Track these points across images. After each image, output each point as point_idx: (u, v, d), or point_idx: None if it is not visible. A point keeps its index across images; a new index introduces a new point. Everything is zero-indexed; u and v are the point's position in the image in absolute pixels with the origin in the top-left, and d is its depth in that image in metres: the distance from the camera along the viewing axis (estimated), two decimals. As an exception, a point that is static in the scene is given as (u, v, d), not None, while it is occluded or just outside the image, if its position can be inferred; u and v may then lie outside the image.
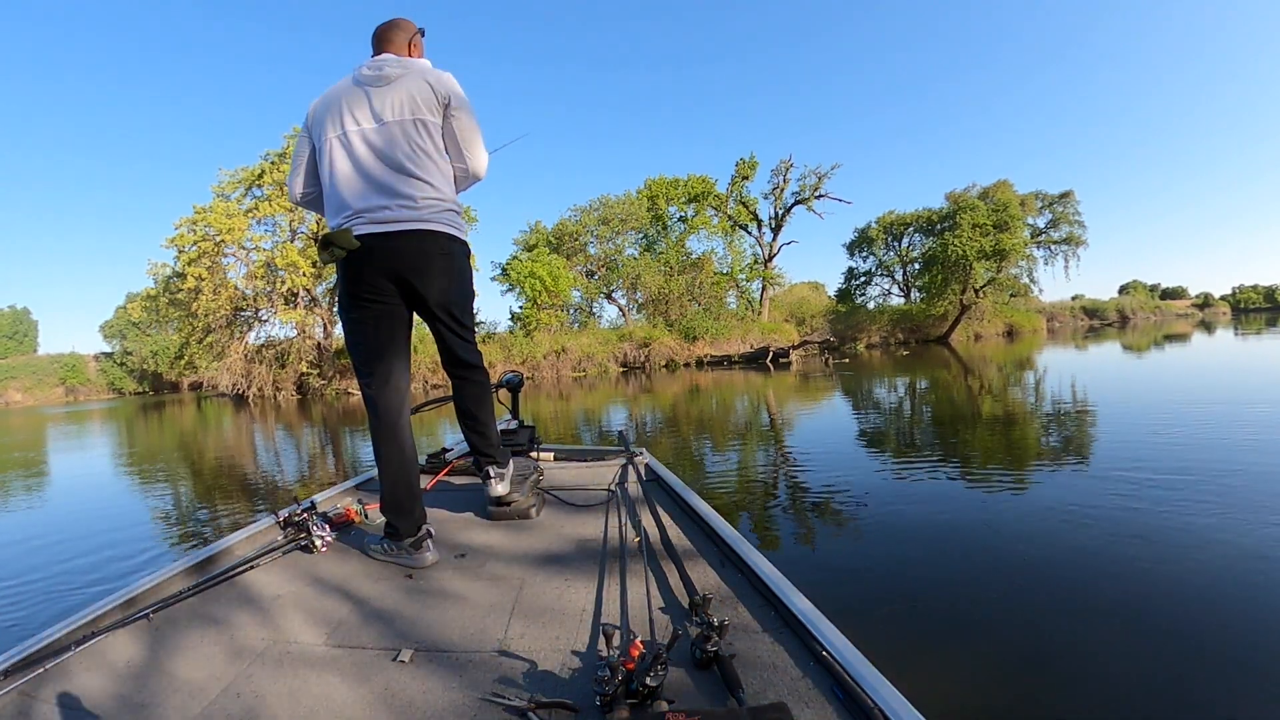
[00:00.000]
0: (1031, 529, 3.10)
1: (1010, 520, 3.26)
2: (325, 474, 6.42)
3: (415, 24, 1.82)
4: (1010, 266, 28.26)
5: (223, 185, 19.65)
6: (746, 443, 6.43)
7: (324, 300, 21.16)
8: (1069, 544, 2.85)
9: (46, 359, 38.76)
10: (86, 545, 4.05)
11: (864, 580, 2.70)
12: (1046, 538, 2.96)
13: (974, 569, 2.70)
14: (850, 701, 0.93)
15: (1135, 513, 3.17)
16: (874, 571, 2.77)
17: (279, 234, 19.88)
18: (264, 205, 18.77)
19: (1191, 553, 2.65)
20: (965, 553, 2.88)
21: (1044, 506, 3.43)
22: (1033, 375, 11.63)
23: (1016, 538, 3.00)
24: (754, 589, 1.33)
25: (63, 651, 1.20)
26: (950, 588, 2.54)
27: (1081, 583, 2.46)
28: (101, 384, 36.37)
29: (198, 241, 18.20)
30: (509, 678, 1.08)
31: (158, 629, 1.33)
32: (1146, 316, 50.02)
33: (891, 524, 3.34)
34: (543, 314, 23.39)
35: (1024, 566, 2.66)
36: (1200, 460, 4.09)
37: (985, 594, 2.45)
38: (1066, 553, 2.76)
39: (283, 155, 19.31)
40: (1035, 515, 3.30)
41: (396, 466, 1.71)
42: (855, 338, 28.87)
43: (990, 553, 2.86)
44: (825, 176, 28.45)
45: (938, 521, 3.33)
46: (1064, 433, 5.65)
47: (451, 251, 1.70)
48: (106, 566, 3.59)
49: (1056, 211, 33.76)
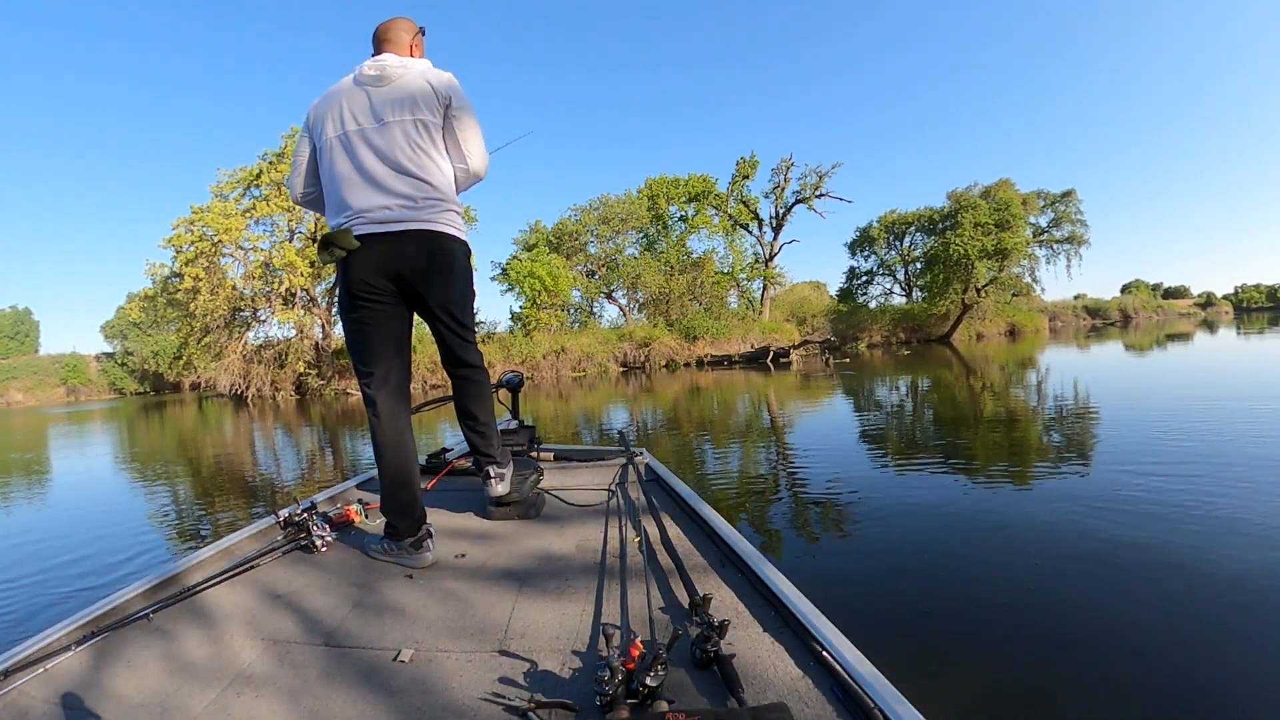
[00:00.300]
0: (1033, 529, 3.10)
1: (1011, 521, 3.26)
2: (324, 475, 6.42)
3: (416, 23, 1.83)
4: (1012, 266, 28.29)
5: (221, 185, 19.66)
6: (746, 443, 6.44)
7: (322, 300, 21.17)
8: (1070, 544, 2.85)
9: (48, 359, 38.97)
10: (86, 546, 4.07)
11: (864, 580, 2.70)
12: (1048, 538, 2.97)
13: (974, 569, 2.71)
14: (850, 701, 0.93)
15: (1140, 515, 3.17)
16: (874, 571, 2.78)
17: (277, 234, 19.92)
18: (261, 205, 18.76)
19: (1199, 552, 2.65)
20: (966, 553, 2.89)
21: (1046, 506, 3.44)
22: (1035, 375, 11.63)
23: (1017, 538, 3.01)
24: (754, 589, 1.33)
25: (63, 651, 1.21)
26: (950, 588, 2.55)
27: (1084, 583, 2.46)
28: (103, 384, 36.50)
29: (194, 242, 18.20)
30: (509, 678, 1.09)
31: (158, 629, 1.34)
32: (1149, 316, 50.05)
33: (891, 524, 3.35)
34: (542, 314, 23.42)
35: (1025, 567, 2.67)
36: (1206, 460, 4.09)
37: (985, 594, 2.45)
38: (1068, 553, 2.76)
39: (281, 155, 19.30)
40: (1037, 515, 3.31)
41: (396, 466, 1.72)
42: (857, 337, 28.87)
43: (991, 553, 2.86)
44: (826, 175, 28.50)
45: (938, 522, 3.34)
46: (1066, 433, 5.65)
47: (452, 251, 1.71)
48: (105, 567, 3.60)
49: (1059, 210, 33.76)
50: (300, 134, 1.78)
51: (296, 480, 6.18)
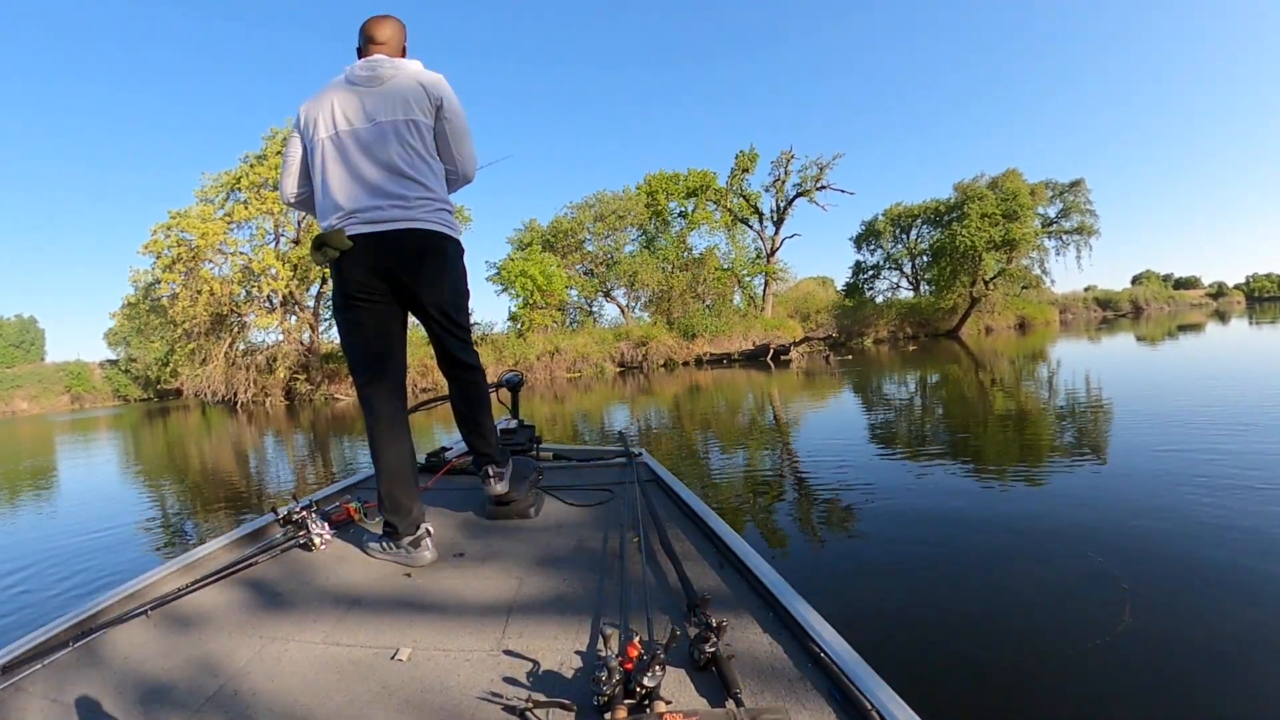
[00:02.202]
0: (1033, 530, 3.14)
1: (1012, 521, 3.30)
2: (317, 477, 6.45)
3: (403, 21, 1.85)
4: (1021, 257, 28.22)
5: (205, 189, 19.60)
6: (744, 442, 6.46)
7: (309, 305, 21.14)
8: (1072, 546, 2.89)
9: (52, 367, 39.31)
10: (87, 545, 4.13)
11: (862, 581, 2.74)
12: (1050, 540, 3.00)
13: (973, 570, 2.74)
14: (848, 703, 0.95)
15: (1151, 519, 3.15)
16: (872, 572, 2.82)
17: (257, 237, 19.85)
18: (239, 209, 18.64)
19: (1211, 551, 2.68)
20: (965, 554, 2.92)
21: (1046, 506, 3.48)
22: (1044, 369, 11.65)
23: (1018, 539, 3.05)
24: (752, 590, 1.36)
25: (61, 647, 1.24)
26: (948, 589, 2.58)
27: (1084, 584, 2.50)
28: (106, 391, 36.66)
29: (172, 247, 18.15)
30: (507, 677, 1.11)
31: (156, 626, 1.36)
32: (1160, 307, 50.13)
33: (890, 525, 3.40)
34: (536, 314, 23.39)
35: (1024, 569, 2.70)
36: (1224, 458, 4.06)
37: (983, 596, 2.49)
38: (1068, 553, 2.80)
39: (261, 157, 19.30)
40: (1037, 516, 3.35)
41: (393, 466, 1.75)
42: (862, 333, 28.86)
43: (990, 554, 2.90)
44: (827, 167, 28.36)
45: (937, 522, 3.38)
46: (1061, 430, 5.67)
47: (445, 251, 1.74)
48: (106, 566, 3.67)
49: (1067, 200, 33.73)
50: (291, 134, 1.80)
51: (290, 484, 6.21)
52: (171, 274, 17.97)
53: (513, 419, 2.69)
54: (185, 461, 8.84)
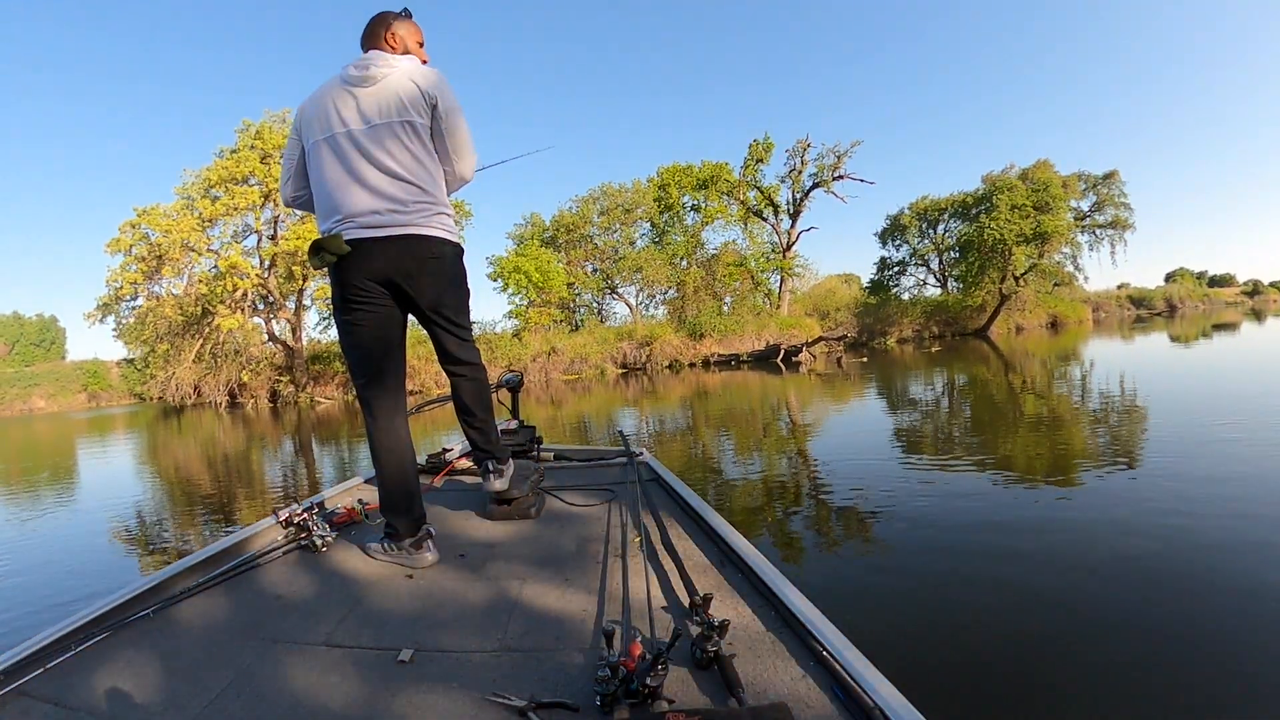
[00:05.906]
0: (1032, 529, 3.24)
1: (1013, 523, 3.40)
2: (308, 480, 6.56)
3: (409, 18, 1.91)
4: (1053, 252, 28.08)
5: (186, 186, 19.76)
6: (746, 444, 6.53)
7: (290, 304, 21.30)
8: (1074, 545, 2.97)
9: (70, 366, 40.87)
10: (87, 544, 4.25)
11: (864, 580, 2.84)
12: (1056, 543, 3.07)
13: (976, 570, 2.83)
14: (850, 702, 1.01)
15: (1165, 534, 3.11)
16: (874, 571, 2.92)
17: (223, 235, 20.05)
18: (206, 205, 18.81)
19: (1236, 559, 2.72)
20: (967, 554, 3.02)
21: (1049, 508, 3.57)
22: (1078, 371, 11.63)
23: (1020, 540, 3.13)
24: (754, 589, 1.43)
25: (64, 650, 1.30)
26: (952, 589, 2.66)
27: (1085, 585, 2.58)
28: (123, 390, 37.28)
29: (134, 245, 18.37)
30: (509, 677, 1.18)
31: (159, 628, 1.44)
32: (1195, 305, 49.98)
33: (891, 525, 3.51)
34: (533, 312, 23.43)
35: (1029, 570, 2.77)
36: (1264, 466, 4.06)
37: (987, 595, 2.57)
38: (1076, 559, 2.87)
39: (234, 151, 19.59)
40: (1037, 515, 3.46)
41: (394, 467, 1.83)
42: (885, 332, 28.76)
43: (994, 555, 2.98)
44: (845, 155, 28.12)
45: (939, 523, 3.49)
46: (1066, 436, 5.70)
47: (443, 254, 1.81)
48: (106, 565, 3.79)
49: (1100, 193, 33.50)
50: (290, 136, 1.87)
51: (276, 488, 6.32)
52: (131, 274, 18.17)
53: (513, 420, 2.78)
54: (160, 469, 8.98)
